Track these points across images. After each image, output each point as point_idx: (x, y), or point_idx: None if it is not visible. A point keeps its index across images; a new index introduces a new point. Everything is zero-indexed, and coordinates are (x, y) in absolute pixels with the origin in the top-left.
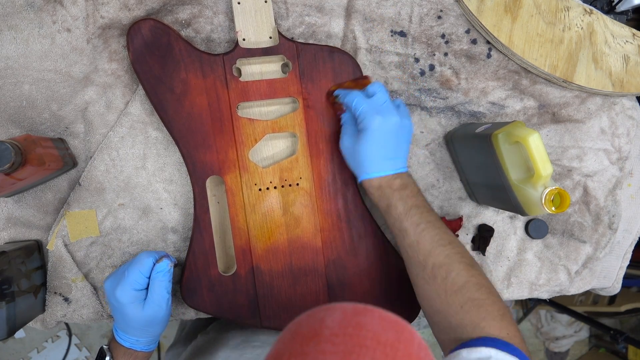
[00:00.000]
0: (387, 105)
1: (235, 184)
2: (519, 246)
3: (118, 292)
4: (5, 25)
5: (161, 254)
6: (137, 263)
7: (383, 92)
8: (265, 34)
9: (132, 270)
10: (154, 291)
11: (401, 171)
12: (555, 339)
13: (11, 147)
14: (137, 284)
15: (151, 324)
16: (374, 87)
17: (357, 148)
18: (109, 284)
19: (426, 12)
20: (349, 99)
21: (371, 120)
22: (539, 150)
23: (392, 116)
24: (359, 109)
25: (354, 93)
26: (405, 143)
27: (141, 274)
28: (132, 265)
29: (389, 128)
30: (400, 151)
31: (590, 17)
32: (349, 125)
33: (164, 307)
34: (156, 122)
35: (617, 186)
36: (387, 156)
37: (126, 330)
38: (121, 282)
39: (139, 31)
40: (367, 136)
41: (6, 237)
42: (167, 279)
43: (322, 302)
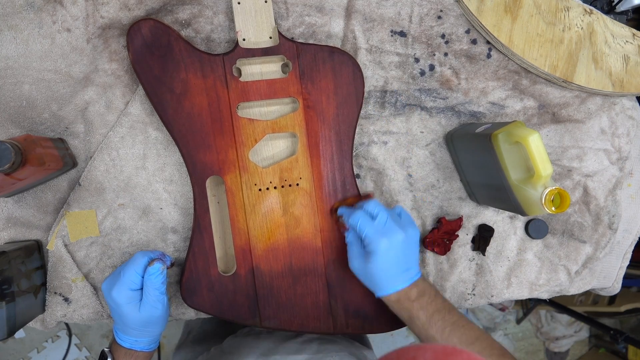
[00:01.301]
0: (390, 224)
1: (235, 184)
2: (519, 246)
3: (114, 293)
4: (5, 25)
5: (156, 255)
6: (132, 263)
7: (382, 211)
8: (265, 34)
9: (127, 271)
10: (148, 292)
11: (415, 279)
12: (555, 339)
13: (11, 147)
14: (133, 284)
15: (148, 324)
16: (371, 207)
17: (368, 270)
18: (106, 284)
19: (426, 12)
20: (353, 221)
21: (378, 244)
22: (539, 150)
23: (397, 234)
24: (364, 232)
25: (357, 214)
26: (414, 251)
27: (137, 274)
28: (128, 265)
29: (396, 247)
30: (410, 261)
31: (590, 17)
32: (356, 246)
33: (159, 307)
34: (156, 122)
35: (617, 186)
36: (399, 271)
37: (125, 330)
38: (117, 282)
39: (139, 31)
40: (376, 259)
41: (6, 237)
42: (160, 281)
43: (322, 302)
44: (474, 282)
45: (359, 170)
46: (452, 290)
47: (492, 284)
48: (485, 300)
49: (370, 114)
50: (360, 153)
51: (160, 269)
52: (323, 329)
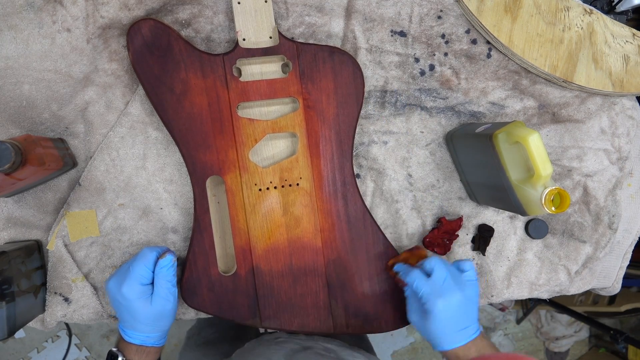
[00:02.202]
0: (447, 283)
1: (235, 184)
2: (519, 246)
3: (125, 289)
4: (5, 25)
5: (163, 249)
6: (142, 258)
7: (440, 268)
8: (265, 34)
9: (136, 266)
10: (160, 285)
11: (474, 337)
12: (555, 339)
13: (11, 147)
14: (144, 279)
15: (160, 318)
16: (431, 264)
17: (426, 326)
18: (113, 283)
19: (426, 12)
20: (410, 280)
21: (434, 304)
22: (539, 150)
23: (454, 294)
24: (420, 292)
25: (414, 273)
26: (473, 309)
27: (146, 268)
28: (137, 260)
29: (453, 307)
30: (469, 320)
31: (590, 17)
32: (414, 302)
33: (171, 300)
34: (156, 122)
35: (617, 186)
36: (455, 330)
37: (135, 327)
38: (127, 278)
39: (139, 31)
40: (433, 318)
41: (6, 237)
42: (172, 273)
43: (322, 302)
44: None
45: (359, 170)
46: None
47: (492, 283)
48: (485, 300)
49: (370, 114)
50: (360, 153)
51: (172, 260)
52: (323, 329)
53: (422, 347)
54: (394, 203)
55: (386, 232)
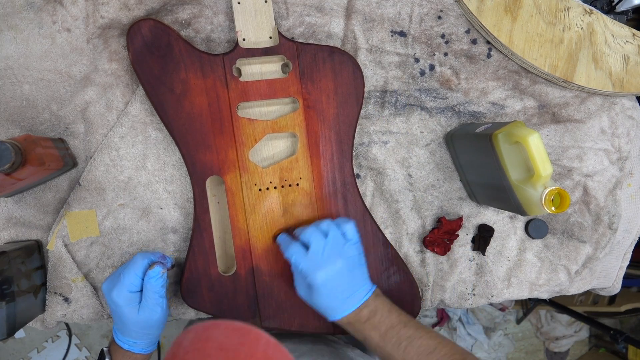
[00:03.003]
0: (326, 253)
1: (235, 184)
2: (519, 246)
3: (114, 294)
4: (5, 25)
5: (157, 256)
6: (132, 265)
7: (317, 238)
8: (265, 34)
9: (127, 272)
10: (148, 295)
11: (365, 299)
12: (555, 339)
13: (11, 147)
14: (132, 286)
15: (147, 327)
16: (307, 236)
17: (313, 299)
18: (106, 285)
19: (426, 12)
20: (289, 255)
21: (314, 278)
22: (539, 150)
23: (335, 263)
24: (299, 267)
25: (293, 247)
26: (360, 272)
27: (136, 276)
28: (128, 267)
29: (335, 276)
30: (357, 283)
31: (590, 17)
32: (298, 276)
33: (158, 311)
34: (156, 122)
35: (617, 186)
36: (343, 297)
37: (124, 332)
38: (117, 283)
39: (139, 31)
40: (317, 292)
41: (6, 237)
42: (160, 284)
43: None
44: (474, 282)
45: (359, 170)
46: (452, 290)
47: (492, 284)
48: (485, 300)
49: (370, 114)
50: (360, 153)
51: (160, 272)
52: (323, 329)
53: None
54: (394, 203)
55: (386, 232)
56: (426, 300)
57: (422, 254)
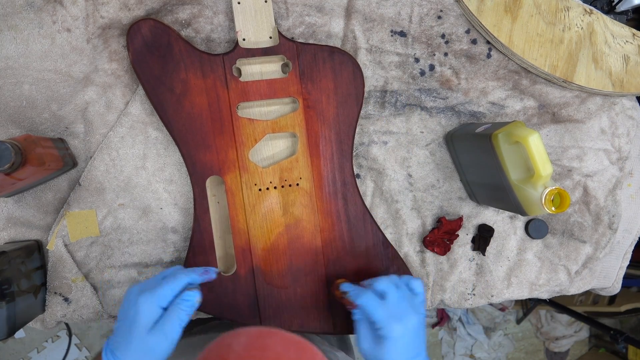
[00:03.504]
0: (403, 305)
1: (235, 184)
2: (519, 246)
3: (142, 300)
4: (5, 25)
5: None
6: (173, 279)
7: (393, 289)
8: (265, 34)
9: (165, 284)
10: (170, 317)
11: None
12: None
13: (11, 147)
14: (164, 301)
15: (150, 353)
16: (382, 286)
17: (379, 354)
18: (137, 289)
19: (426, 12)
20: (363, 302)
21: (391, 329)
22: (539, 150)
23: (412, 317)
24: (375, 316)
25: (367, 295)
26: (423, 334)
27: (172, 292)
28: (168, 279)
29: (410, 332)
30: (421, 346)
31: (590, 17)
32: (364, 327)
33: (169, 338)
34: (156, 122)
35: (617, 186)
36: (411, 355)
37: (122, 349)
38: (151, 291)
39: (139, 31)
40: (389, 345)
41: (6, 237)
42: (187, 313)
43: (322, 302)
44: (474, 282)
45: (359, 170)
46: (452, 290)
47: (492, 284)
48: (485, 300)
49: (370, 114)
50: (360, 153)
51: (197, 300)
52: (323, 329)
53: None
54: (394, 203)
55: (386, 232)
56: (426, 300)
57: (422, 254)
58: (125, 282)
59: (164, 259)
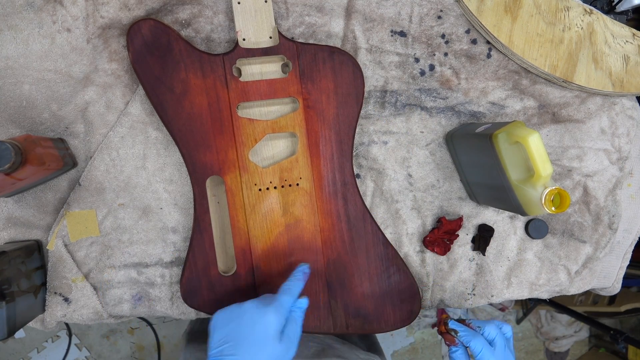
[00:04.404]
0: (507, 354)
1: (235, 184)
2: (519, 246)
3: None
4: (5, 25)
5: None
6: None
7: (501, 338)
8: (265, 34)
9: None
10: (293, 326)
11: None
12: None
13: (11, 147)
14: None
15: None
16: (492, 334)
17: None
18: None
19: (426, 12)
20: (476, 348)
21: None
22: (539, 150)
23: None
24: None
25: (480, 341)
26: None
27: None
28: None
29: None
30: None
31: (590, 17)
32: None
33: (295, 345)
34: (156, 122)
35: (617, 186)
36: None
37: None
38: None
39: (139, 31)
40: None
41: (6, 237)
42: (302, 318)
43: (322, 302)
44: (474, 282)
45: (359, 170)
46: (452, 290)
47: (492, 284)
48: (485, 300)
49: (370, 114)
50: (360, 153)
51: (307, 304)
52: (323, 329)
53: (422, 347)
54: (394, 203)
55: (386, 232)
56: (426, 300)
57: (422, 254)
58: (125, 282)
59: (164, 259)
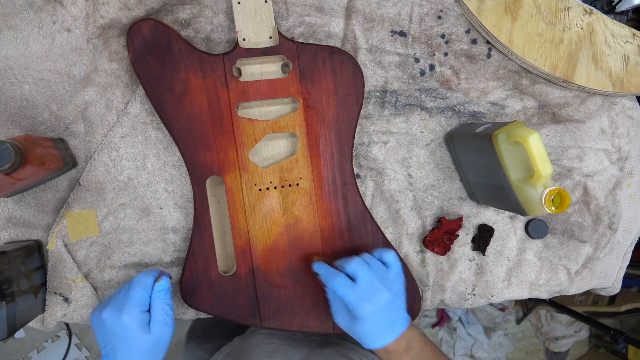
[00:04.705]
0: (374, 285)
1: (235, 184)
2: (519, 246)
3: (125, 317)
4: (5, 25)
5: (157, 272)
6: (139, 283)
7: (364, 271)
8: (265, 34)
9: (135, 292)
10: (159, 309)
11: (403, 329)
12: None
13: (11, 147)
14: (144, 305)
15: (158, 346)
16: (353, 269)
17: (353, 329)
18: (109, 313)
19: (426, 12)
20: (334, 287)
21: (362, 310)
22: (539, 150)
23: (383, 295)
24: (346, 299)
25: (337, 279)
26: (401, 302)
27: (145, 294)
28: (133, 287)
29: (382, 308)
30: (399, 314)
31: (590, 17)
32: (338, 305)
33: (169, 323)
34: (156, 122)
35: (617, 186)
36: (385, 328)
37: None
38: (126, 305)
39: (139, 31)
40: (362, 323)
41: (6, 237)
42: (170, 296)
43: (322, 302)
44: (474, 282)
45: (359, 170)
46: (452, 290)
47: (492, 283)
48: (485, 300)
49: (370, 114)
50: (360, 153)
51: (168, 282)
52: (323, 329)
53: None
54: (394, 203)
55: (386, 232)
56: (426, 300)
57: (422, 254)
58: (126, 282)
59: (164, 259)
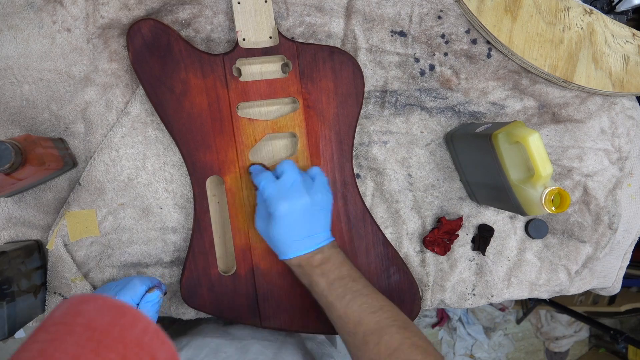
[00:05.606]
0: (295, 186)
1: (235, 184)
2: (519, 246)
3: None
4: (5, 25)
5: (154, 282)
6: (129, 289)
7: (291, 171)
8: (265, 34)
9: (123, 297)
10: None
11: (322, 245)
12: (555, 339)
13: (11, 147)
14: None
15: None
16: (282, 167)
17: (268, 232)
18: None
19: (426, 12)
20: (258, 180)
21: (276, 207)
22: (539, 150)
23: (301, 198)
24: (265, 193)
25: (264, 175)
26: (323, 216)
27: (132, 301)
28: (124, 290)
29: (297, 211)
30: (317, 227)
31: (590, 17)
32: (261, 208)
33: None
34: (156, 122)
35: (617, 186)
36: (301, 236)
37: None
38: None
39: (139, 31)
40: (275, 222)
41: (6, 237)
42: (155, 310)
43: None
44: (474, 282)
45: (359, 170)
46: (452, 290)
47: (492, 283)
48: (485, 300)
49: (370, 114)
50: (360, 153)
51: (159, 296)
52: (323, 329)
53: None
54: (394, 203)
55: (386, 232)
56: (426, 300)
57: (422, 254)
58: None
59: (164, 259)
